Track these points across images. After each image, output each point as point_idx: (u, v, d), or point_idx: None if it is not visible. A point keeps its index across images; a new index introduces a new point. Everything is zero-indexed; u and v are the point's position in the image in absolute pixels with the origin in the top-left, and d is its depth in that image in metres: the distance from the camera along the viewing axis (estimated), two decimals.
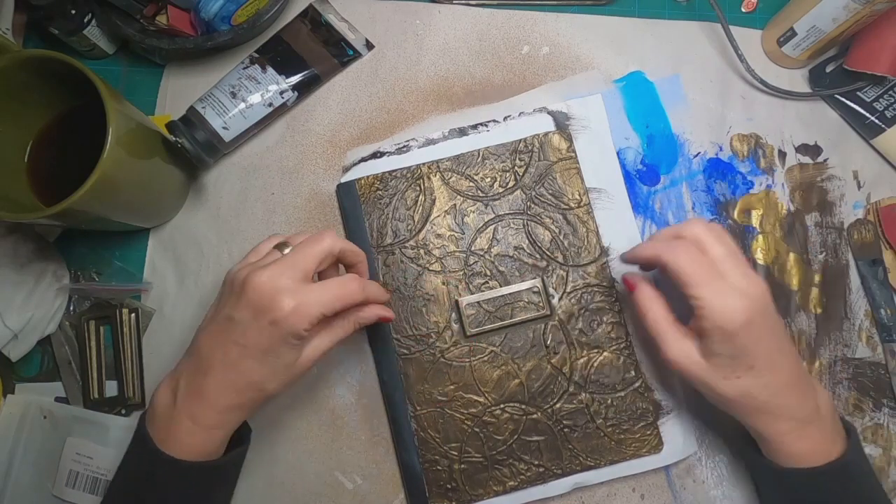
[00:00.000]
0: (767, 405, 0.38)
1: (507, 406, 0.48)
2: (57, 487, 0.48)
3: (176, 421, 0.38)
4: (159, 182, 0.49)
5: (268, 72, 0.50)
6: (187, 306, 0.51)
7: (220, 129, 0.49)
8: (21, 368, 0.50)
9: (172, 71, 0.54)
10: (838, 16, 0.47)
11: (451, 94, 0.54)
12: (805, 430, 0.39)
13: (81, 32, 0.50)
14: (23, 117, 0.46)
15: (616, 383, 0.48)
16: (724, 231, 0.40)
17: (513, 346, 0.48)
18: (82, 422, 0.49)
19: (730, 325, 0.36)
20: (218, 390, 0.37)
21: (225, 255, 0.51)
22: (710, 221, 0.40)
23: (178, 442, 0.37)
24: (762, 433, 0.40)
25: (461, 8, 0.55)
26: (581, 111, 0.52)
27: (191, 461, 0.38)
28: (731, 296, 0.36)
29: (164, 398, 0.39)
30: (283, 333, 0.36)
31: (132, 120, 0.43)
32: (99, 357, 0.50)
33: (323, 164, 0.53)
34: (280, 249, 0.40)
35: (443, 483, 0.47)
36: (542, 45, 0.54)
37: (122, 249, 0.52)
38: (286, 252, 0.39)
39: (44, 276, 0.49)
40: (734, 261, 0.38)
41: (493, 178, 0.51)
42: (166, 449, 0.37)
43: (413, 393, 0.48)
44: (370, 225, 0.50)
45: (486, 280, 0.49)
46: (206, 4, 0.49)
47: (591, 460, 0.47)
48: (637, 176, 0.52)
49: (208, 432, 0.38)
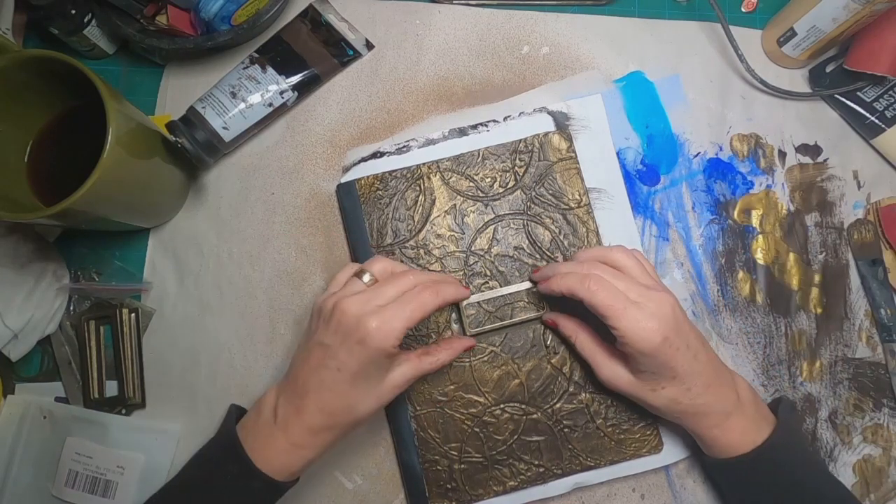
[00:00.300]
0: (693, 406, 0.42)
1: (507, 406, 0.48)
2: (56, 487, 0.48)
3: (272, 436, 0.40)
4: (159, 182, 0.49)
5: (268, 72, 0.50)
6: (187, 306, 0.51)
7: (220, 129, 0.49)
8: (21, 368, 0.50)
9: (172, 71, 0.54)
10: (838, 16, 0.47)
11: (451, 94, 0.54)
12: (729, 421, 0.42)
13: (81, 32, 0.50)
14: (23, 117, 0.46)
15: None
16: (640, 255, 0.45)
17: (513, 346, 0.48)
18: (82, 421, 0.49)
19: (648, 347, 0.40)
20: (313, 412, 0.40)
21: (225, 255, 0.51)
22: (629, 249, 0.44)
23: (266, 456, 0.40)
24: (695, 431, 0.44)
25: (461, 8, 0.55)
26: (581, 111, 0.52)
27: (280, 480, 0.40)
28: (645, 321, 0.40)
29: (266, 412, 0.41)
30: (371, 352, 0.38)
31: (132, 120, 0.43)
32: (99, 357, 0.50)
33: (323, 164, 0.53)
34: (360, 277, 0.42)
35: (443, 483, 0.47)
36: (542, 45, 0.54)
37: (122, 249, 0.52)
38: (365, 279, 0.42)
39: (44, 277, 0.49)
40: (643, 285, 0.41)
41: (493, 178, 0.51)
42: (254, 459, 0.40)
43: (413, 393, 0.48)
44: (370, 225, 0.50)
45: (486, 280, 0.49)
46: (206, 4, 0.49)
47: (591, 460, 0.47)
48: (637, 176, 0.52)
49: (298, 451, 0.40)
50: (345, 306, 0.39)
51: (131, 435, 0.48)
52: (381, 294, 0.40)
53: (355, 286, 0.41)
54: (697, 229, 0.52)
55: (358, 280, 0.42)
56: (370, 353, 0.38)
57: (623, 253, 0.44)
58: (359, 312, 0.38)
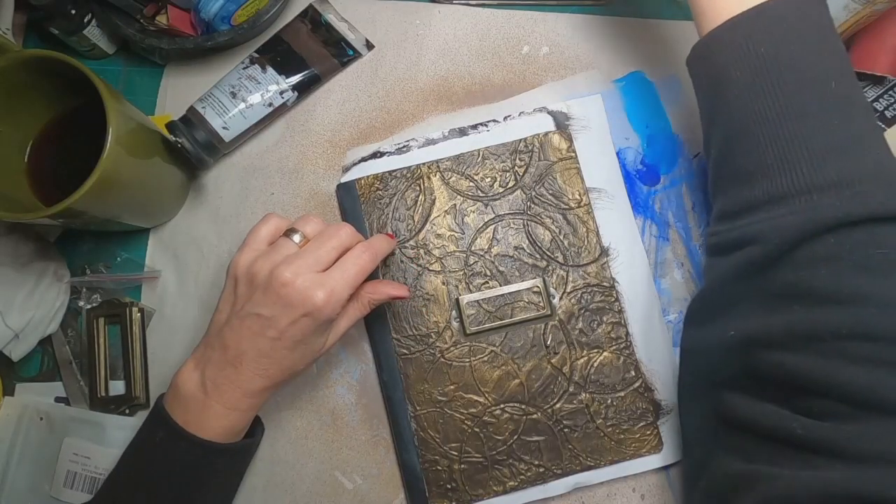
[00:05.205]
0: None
1: (507, 406, 0.48)
2: (55, 488, 0.48)
3: (206, 407, 0.39)
4: (159, 182, 0.49)
5: (268, 72, 0.50)
6: (187, 306, 0.51)
7: (220, 129, 0.49)
8: (21, 368, 0.50)
9: (172, 71, 0.54)
10: (838, 16, 0.47)
11: (451, 94, 0.54)
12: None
13: (81, 32, 0.50)
14: (23, 117, 0.46)
15: (616, 383, 0.48)
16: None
17: (513, 345, 0.48)
18: (79, 422, 0.49)
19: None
20: (251, 378, 0.39)
21: (225, 255, 0.51)
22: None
23: (204, 425, 0.39)
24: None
25: (461, 8, 0.55)
26: (581, 111, 0.52)
27: (223, 442, 0.40)
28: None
29: (189, 386, 0.40)
30: (319, 323, 0.38)
31: (132, 120, 0.43)
32: (106, 356, 0.50)
33: (323, 164, 0.53)
34: (290, 237, 0.40)
35: (443, 483, 0.47)
36: (542, 45, 0.54)
37: (123, 249, 0.52)
38: (296, 239, 0.40)
39: (44, 276, 0.49)
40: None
41: (493, 178, 0.51)
42: (191, 431, 0.39)
43: (413, 393, 0.48)
44: (370, 225, 0.50)
45: (486, 280, 0.49)
46: (206, 4, 0.49)
47: (591, 460, 0.47)
48: (637, 176, 0.52)
49: (239, 414, 0.40)
50: (284, 276, 0.37)
51: (129, 435, 0.48)
52: (318, 257, 0.39)
53: (287, 247, 0.40)
54: (697, 229, 0.52)
55: (289, 241, 0.40)
56: (317, 324, 0.38)
57: None
58: (303, 285, 0.37)
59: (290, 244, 0.40)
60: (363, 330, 0.50)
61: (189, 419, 0.39)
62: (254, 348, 0.38)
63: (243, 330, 0.39)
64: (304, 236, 0.41)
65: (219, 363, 0.39)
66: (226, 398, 0.39)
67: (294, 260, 0.38)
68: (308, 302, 0.37)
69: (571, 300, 0.49)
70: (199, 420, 0.39)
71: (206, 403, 0.39)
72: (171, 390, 0.41)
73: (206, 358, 0.40)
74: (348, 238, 0.41)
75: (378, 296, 0.43)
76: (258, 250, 0.40)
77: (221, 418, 0.39)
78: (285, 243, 0.40)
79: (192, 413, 0.39)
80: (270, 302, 0.38)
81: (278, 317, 0.38)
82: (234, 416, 0.40)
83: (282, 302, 0.37)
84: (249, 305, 0.39)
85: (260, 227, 0.42)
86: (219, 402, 0.39)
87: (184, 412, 0.39)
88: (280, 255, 0.39)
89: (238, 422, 0.40)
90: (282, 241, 0.40)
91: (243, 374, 0.39)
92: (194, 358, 0.41)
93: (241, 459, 0.44)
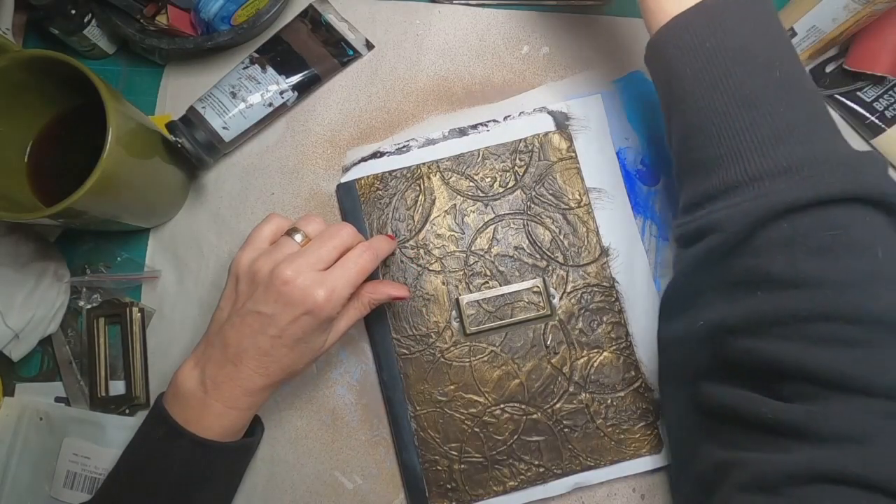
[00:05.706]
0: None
1: (507, 406, 0.48)
2: (55, 489, 0.48)
3: (206, 405, 0.39)
4: (159, 182, 0.49)
5: (268, 72, 0.50)
6: (187, 306, 0.51)
7: (220, 129, 0.49)
8: (21, 368, 0.50)
9: (172, 71, 0.54)
10: (838, 16, 0.47)
11: (451, 94, 0.54)
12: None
13: (81, 32, 0.50)
14: (23, 117, 0.46)
15: (616, 383, 0.48)
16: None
17: (513, 345, 0.48)
18: (79, 422, 0.48)
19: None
20: (251, 376, 0.39)
21: (225, 254, 0.51)
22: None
23: (204, 424, 0.39)
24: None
25: (461, 8, 0.55)
26: (581, 111, 0.52)
27: (222, 441, 0.40)
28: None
29: (189, 384, 0.40)
30: (319, 321, 0.39)
31: (132, 120, 0.43)
32: (106, 356, 0.50)
33: (323, 164, 0.53)
34: (291, 236, 0.41)
35: (443, 483, 0.47)
36: (542, 45, 0.54)
37: (123, 249, 0.52)
38: (297, 238, 0.41)
39: (45, 276, 0.49)
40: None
41: (493, 178, 0.51)
42: (190, 429, 0.39)
43: (413, 393, 0.48)
44: (370, 225, 0.50)
45: (486, 280, 0.49)
46: (206, 4, 0.49)
47: (591, 460, 0.47)
48: (637, 176, 0.52)
49: (239, 413, 0.40)
50: (286, 274, 0.38)
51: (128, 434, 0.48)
52: (319, 256, 0.39)
53: (289, 246, 0.40)
54: None
55: (290, 240, 0.40)
56: (318, 322, 0.39)
57: None
58: (304, 284, 0.38)
59: (291, 243, 0.40)
60: (363, 330, 0.50)
61: (189, 417, 0.39)
62: (254, 346, 0.39)
63: (244, 328, 0.39)
64: (306, 236, 0.41)
65: (219, 361, 0.39)
66: (225, 396, 0.39)
67: (295, 258, 0.39)
68: (309, 300, 0.38)
69: (571, 300, 0.49)
70: (199, 418, 0.39)
71: (205, 402, 0.39)
72: (170, 388, 0.41)
73: (207, 356, 0.40)
74: (349, 238, 0.41)
75: (378, 296, 0.44)
76: (260, 249, 0.41)
77: (221, 417, 0.39)
78: (287, 242, 0.40)
79: (191, 411, 0.39)
80: (271, 300, 0.38)
81: (279, 315, 0.38)
82: (233, 414, 0.40)
83: (283, 300, 0.38)
84: (250, 303, 0.39)
85: (262, 226, 0.42)
86: (218, 400, 0.39)
87: (183, 410, 0.39)
88: (282, 253, 0.39)
89: (238, 420, 0.40)
90: (283, 240, 0.41)
91: (243, 371, 0.39)
92: (195, 356, 0.41)
93: (240, 458, 0.44)
